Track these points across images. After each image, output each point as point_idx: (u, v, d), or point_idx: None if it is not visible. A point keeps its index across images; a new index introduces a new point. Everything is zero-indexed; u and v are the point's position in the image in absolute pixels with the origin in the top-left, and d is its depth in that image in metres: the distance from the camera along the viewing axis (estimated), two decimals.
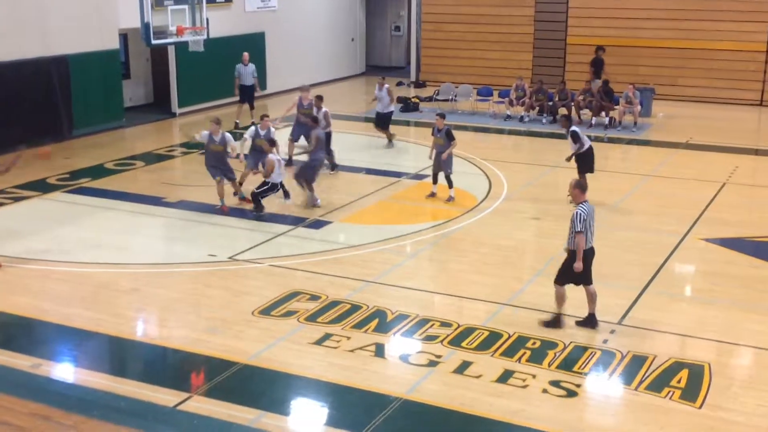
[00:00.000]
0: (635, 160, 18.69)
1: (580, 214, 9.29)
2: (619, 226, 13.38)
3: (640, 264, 11.75)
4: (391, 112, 18.50)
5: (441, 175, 14.46)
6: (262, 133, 14.30)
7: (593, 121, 20.83)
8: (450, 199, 14.38)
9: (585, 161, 14.32)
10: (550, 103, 21.41)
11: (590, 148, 14.38)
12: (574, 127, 14.47)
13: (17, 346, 9.24)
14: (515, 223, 13.63)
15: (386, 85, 18.39)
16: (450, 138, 14.31)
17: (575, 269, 9.32)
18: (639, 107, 20.79)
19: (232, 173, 13.93)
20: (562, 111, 21.47)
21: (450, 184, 14.40)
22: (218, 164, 13.73)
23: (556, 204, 14.58)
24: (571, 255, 9.42)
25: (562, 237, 12.93)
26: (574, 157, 14.44)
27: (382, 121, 18.52)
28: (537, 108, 21.56)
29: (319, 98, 16.28)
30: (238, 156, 14.09)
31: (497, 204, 14.53)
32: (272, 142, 13.65)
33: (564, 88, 21.67)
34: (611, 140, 19.83)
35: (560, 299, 9.61)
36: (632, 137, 19.96)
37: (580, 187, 9.64)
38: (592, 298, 9.59)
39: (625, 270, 11.50)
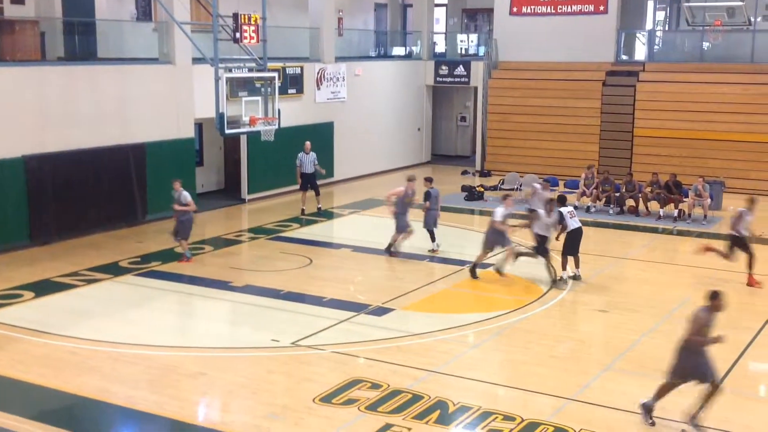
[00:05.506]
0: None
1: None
2: None
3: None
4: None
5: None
6: (507, 211, 15.17)
7: (661, 213, 20.57)
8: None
9: (570, 240, 15.16)
10: (617, 194, 21.26)
11: (579, 230, 15.23)
12: (560, 209, 15.08)
13: (82, 428, 9.41)
14: (581, 315, 13.38)
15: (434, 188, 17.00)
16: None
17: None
18: (709, 200, 20.46)
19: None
20: (630, 202, 21.30)
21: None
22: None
23: (624, 296, 14.32)
24: None
25: (631, 330, 12.78)
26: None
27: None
28: (603, 199, 21.42)
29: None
30: None
31: (563, 295, 14.33)
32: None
33: (631, 179, 21.53)
34: (680, 233, 19.50)
35: None
36: (702, 230, 19.57)
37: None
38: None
39: None
